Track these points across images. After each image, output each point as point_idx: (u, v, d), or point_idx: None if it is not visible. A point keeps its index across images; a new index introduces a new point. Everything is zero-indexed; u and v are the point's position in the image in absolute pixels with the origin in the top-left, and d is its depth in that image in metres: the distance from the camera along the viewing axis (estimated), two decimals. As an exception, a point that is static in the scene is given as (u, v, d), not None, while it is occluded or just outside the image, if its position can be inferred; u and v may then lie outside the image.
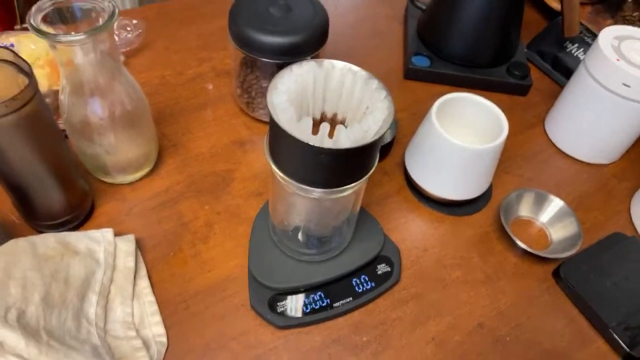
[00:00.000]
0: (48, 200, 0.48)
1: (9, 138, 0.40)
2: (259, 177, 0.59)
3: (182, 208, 0.55)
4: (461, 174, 0.54)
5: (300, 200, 0.44)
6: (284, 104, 0.36)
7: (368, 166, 0.39)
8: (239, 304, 0.48)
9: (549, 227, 0.57)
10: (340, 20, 0.84)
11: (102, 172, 0.55)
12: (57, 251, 0.44)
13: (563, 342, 0.49)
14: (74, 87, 0.46)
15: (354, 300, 0.49)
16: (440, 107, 0.54)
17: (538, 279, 0.53)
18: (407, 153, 0.59)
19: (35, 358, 0.37)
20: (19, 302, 0.39)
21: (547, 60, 0.78)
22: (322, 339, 0.47)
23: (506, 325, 0.50)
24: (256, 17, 0.56)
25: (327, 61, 0.40)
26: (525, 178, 0.63)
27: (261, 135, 0.64)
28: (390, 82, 0.74)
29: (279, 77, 0.38)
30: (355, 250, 0.51)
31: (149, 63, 0.72)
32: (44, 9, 0.42)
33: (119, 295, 0.46)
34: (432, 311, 0.50)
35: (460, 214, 0.58)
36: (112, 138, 0.50)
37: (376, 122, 0.36)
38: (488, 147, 0.51)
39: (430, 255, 0.54)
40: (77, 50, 0.43)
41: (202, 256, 0.52)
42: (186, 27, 0.78)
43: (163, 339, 0.45)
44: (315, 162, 0.36)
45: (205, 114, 0.66)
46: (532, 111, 0.72)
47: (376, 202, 0.58)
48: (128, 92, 0.49)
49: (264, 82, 0.61)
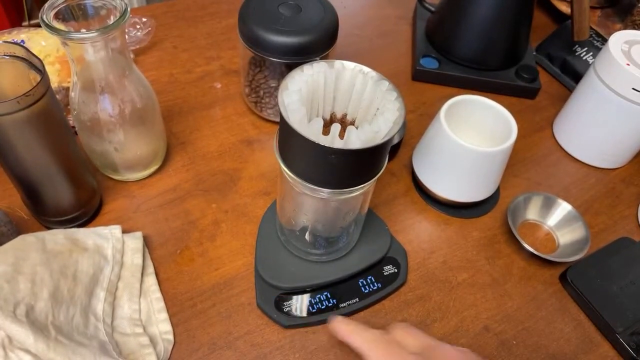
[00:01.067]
0: (57, 197, 0.48)
1: (20, 134, 0.40)
2: (266, 176, 0.59)
3: (190, 206, 0.55)
4: (469, 176, 0.54)
5: (308, 200, 0.44)
6: (295, 104, 0.36)
7: (377, 167, 0.39)
8: (245, 303, 0.49)
9: (557, 230, 0.57)
10: (349, 21, 0.84)
11: (111, 169, 0.55)
12: (65, 247, 0.44)
13: (569, 347, 0.49)
14: (84, 84, 0.46)
15: (360, 301, 0.49)
16: (449, 109, 0.54)
17: (545, 283, 0.53)
18: (415, 155, 0.59)
19: (44, 353, 0.38)
20: (28, 298, 0.39)
21: (556, 64, 0.78)
22: (328, 339, 0.47)
23: (512, 329, 0.49)
24: (266, 17, 0.56)
25: (338, 62, 0.40)
26: (533, 181, 0.63)
27: (269, 135, 0.64)
28: (398, 84, 0.73)
29: (290, 77, 0.38)
30: (362, 251, 0.51)
31: (157, 61, 0.72)
32: (56, 6, 0.43)
33: (126, 292, 0.46)
34: (438, 313, 0.50)
35: (467, 216, 0.58)
36: (121, 135, 0.50)
37: (387, 123, 0.36)
38: (496, 150, 0.51)
39: (437, 257, 0.54)
40: (88, 48, 0.43)
41: (209, 254, 0.52)
42: (195, 26, 0.79)
43: (170, 336, 0.45)
44: (325, 163, 0.36)
45: (214, 113, 0.66)
46: (541, 114, 0.72)
47: (383, 203, 0.58)
48: (138, 89, 0.49)
49: (273, 81, 0.61)
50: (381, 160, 0.39)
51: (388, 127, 0.36)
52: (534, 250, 0.52)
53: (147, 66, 0.71)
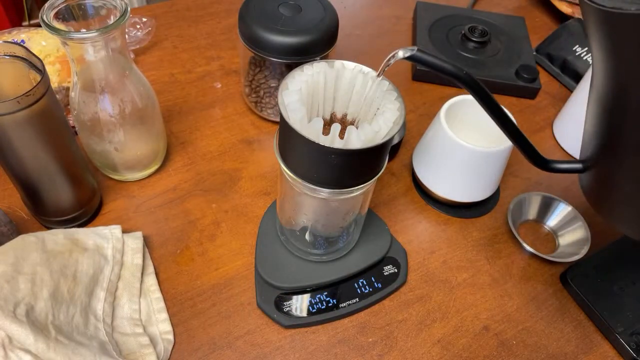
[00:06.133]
0: (57, 197, 0.48)
1: (20, 134, 0.40)
2: (266, 176, 0.59)
3: (190, 206, 0.55)
4: (469, 176, 0.54)
5: (308, 200, 0.44)
6: (295, 104, 0.36)
7: (377, 167, 0.39)
8: (245, 303, 0.49)
9: (557, 230, 0.57)
10: (349, 20, 0.84)
11: (111, 169, 0.55)
12: (65, 247, 0.44)
13: (569, 347, 0.49)
14: (84, 84, 0.46)
15: (360, 301, 0.49)
16: (449, 109, 0.54)
17: (545, 283, 0.53)
18: (415, 154, 0.59)
19: (44, 353, 0.38)
20: (28, 298, 0.39)
21: (556, 64, 0.78)
22: (327, 339, 0.47)
23: (512, 329, 0.49)
24: (266, 17, 0.56)
25: (338, 62, 0.40)
26: (533, 181, 0.63)
27: (269, 135, 0.64)
28: (398, 84, 0.74)
29: (290, 77, 0.38)
30: (362, 251, 0.51)
31: (157, 61, 0.72)
32: (56, 6, 0.43)
33: (126, 291, 0.46)
34: (438, 313, 0.50)
35: (467, 216, 0.58)
36: (121, 135, 0.50)
37: (387, 123, 0.36)
38: (496, 150, 0.51)
39: (437, 257, 0.54)
40: (88, 48, 0.43)
41: (209, 254, 0.52)
42: (195, 26, 0.79)
43: (170, 336, 0.45)
44: (325, 163, 0.36)
45: (214, 113, 0.66)
46: (541, 114, 0.72)
47: (383, 203, 0.58)
48: (138, 89, 0.49)
49: (273, 81, 0.61)
50: (381, 160, 0.39)
51: (388, 127, 0.36)
52: (534, 251, 0.52)
53: (147, 66, 0.71)
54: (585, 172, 0.38)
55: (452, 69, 0.33)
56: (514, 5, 0.93)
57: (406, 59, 0.32)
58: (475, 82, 0.33)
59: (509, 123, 0.36)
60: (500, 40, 0.78)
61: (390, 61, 0.33)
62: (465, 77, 0.33)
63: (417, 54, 0.32)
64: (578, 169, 0.39)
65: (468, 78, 0.33)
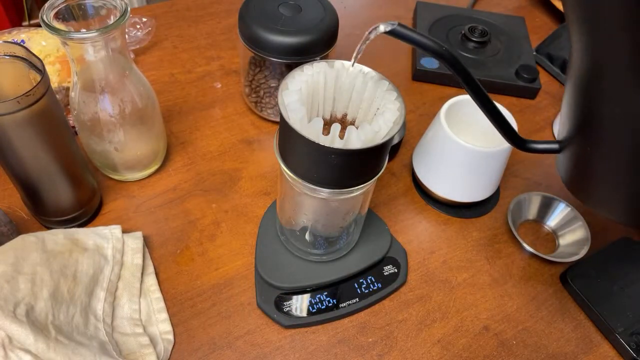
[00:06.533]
0: (57, 197, 0.48)
1: (20, 134, 0.40)
2: (266, 176, 0.59)
3: (190, 206, 0.55)
4: (469, 176, 0.54)
5: (308, 200, 0.44)
6: (295, 104, 0.36)
7: (377, 167, 0.39)
8: (245, 303, 0.49)
9: (557, 230, 0.57)
10: (349, 21, 0.84)
11: (111, 169, 0.55)
12: (65, 247, 0.44)
13: (569, 347, 0.49)
14: (84, 84, 0.46)
15: (360, 301, 0.49)
16: (449, 109, 0.54)
17: (545, 283, 0.53)
18: (415, 154, 0.59)
19: (44, 353, 0.38)
20: (28, 298, 0.39)
21: (556, 64, 0.78)
22: (327, 339, 0.47)
23: (512, 329, 0.49)
24: (266, 17, 0.56)
25: (338, 62, 0.40)
26: (533, 181, 0.63)
27: (269, 135, 0.64)
28: (398, 84, 0.74)
29: (290, 77, 0.38)
30: (362, 251, 0.51)
31: (157, 61, 0.72)
32: (56, 6, 0.43)
33: (126, 292, 0.46)
34: (438, 313, 0.50)
35: (467, 216, 0.58)
36: (121, 135, 0.50)
37: (387, 123, 0.36)
38: (496, 150, 0.51)
39: (437, 257, 0.54)
40: (88, 48, 0.43)
41: (209, 254, 0.52)
42: (195, 26, 0.79)
43: (170, 336, 0.45)
44: (325, 163, 0.36)
45: (214, 113, 0.66)
46: (541, 114, 0.72)
47: (383, 203, 0.58)
48: (138, 89, 0.49)
49: (273, 81, 0.61)
50: (381, 160, 0.39)
51: (388, 127, 0.36)
52: (534, 251, 0.52)
53: (147, 66, 0.71)
54: (561, 152, 0.38)
55: (432, 45, 0.32)
56: (514, 5, 0.94)
57: (387, 33, 0.32)
58: (455, 58, 0.33)
59: (487, 101, 0.37)
60: (500, 40, 0.78)
61: (371, 34, 0.34)
62: (445, 52, 0.33)
63: (398, 29, 0.32)
64: (554, 149, 0.39)
65: (447, 54, 0.33)
